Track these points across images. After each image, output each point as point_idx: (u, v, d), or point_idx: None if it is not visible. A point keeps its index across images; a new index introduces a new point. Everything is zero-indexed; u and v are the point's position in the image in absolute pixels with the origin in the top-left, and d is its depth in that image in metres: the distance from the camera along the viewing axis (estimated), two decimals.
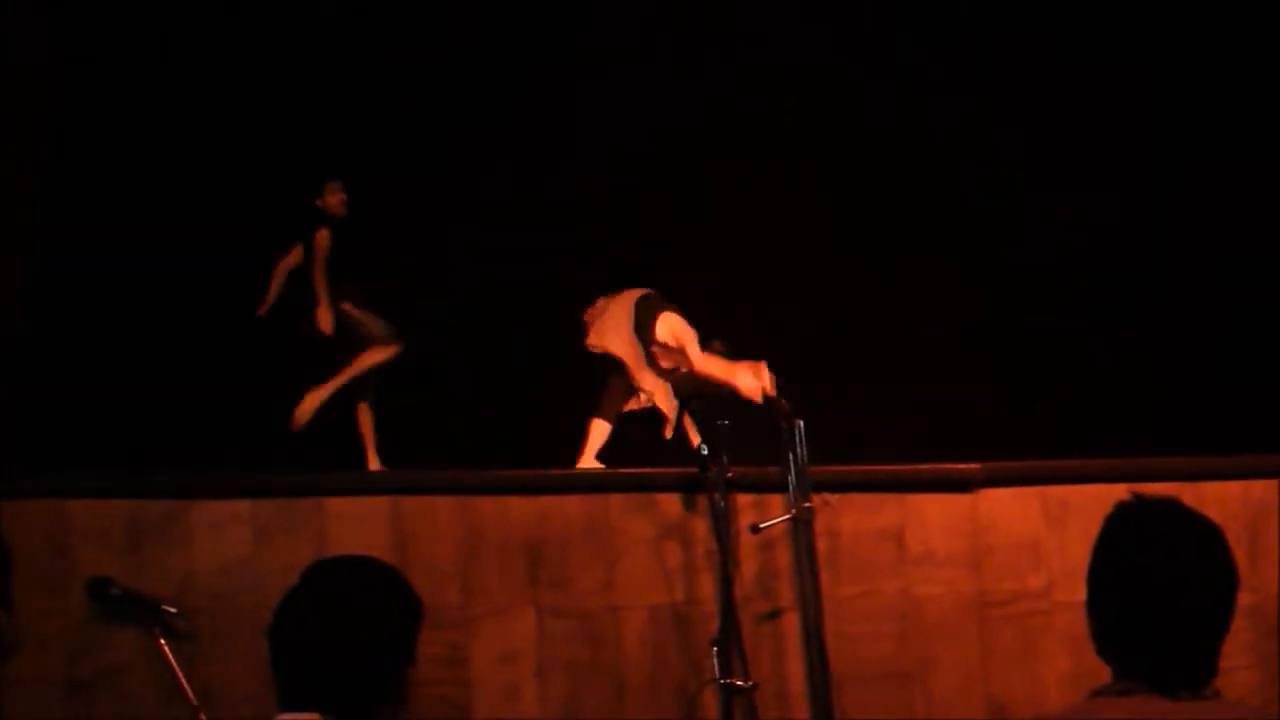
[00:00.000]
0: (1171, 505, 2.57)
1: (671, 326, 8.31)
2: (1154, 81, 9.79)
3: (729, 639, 6.24)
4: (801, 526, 6.57)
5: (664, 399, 8.33)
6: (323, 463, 8.43)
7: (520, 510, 7.15)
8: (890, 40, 9.84)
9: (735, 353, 8.25)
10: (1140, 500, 2.58)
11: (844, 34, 9.83)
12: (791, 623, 6.88)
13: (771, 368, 8.26)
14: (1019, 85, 9.73)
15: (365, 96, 9.92)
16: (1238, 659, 6.32)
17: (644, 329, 8.33)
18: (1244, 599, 2.60)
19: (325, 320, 8.86)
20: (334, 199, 9.09)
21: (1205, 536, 2.54)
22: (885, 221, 9.63)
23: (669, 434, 8.35)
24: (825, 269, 9.53)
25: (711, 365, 8.17)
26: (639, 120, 9.84)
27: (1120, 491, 2.72)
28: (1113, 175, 9.70)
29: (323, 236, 8.96)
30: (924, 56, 9.77)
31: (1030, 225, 9.73)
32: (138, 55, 9.85)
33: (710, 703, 6.49)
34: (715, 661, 6.20)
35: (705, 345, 8.17)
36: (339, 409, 8.96)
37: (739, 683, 6.18)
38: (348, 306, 8.94)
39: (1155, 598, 2.47)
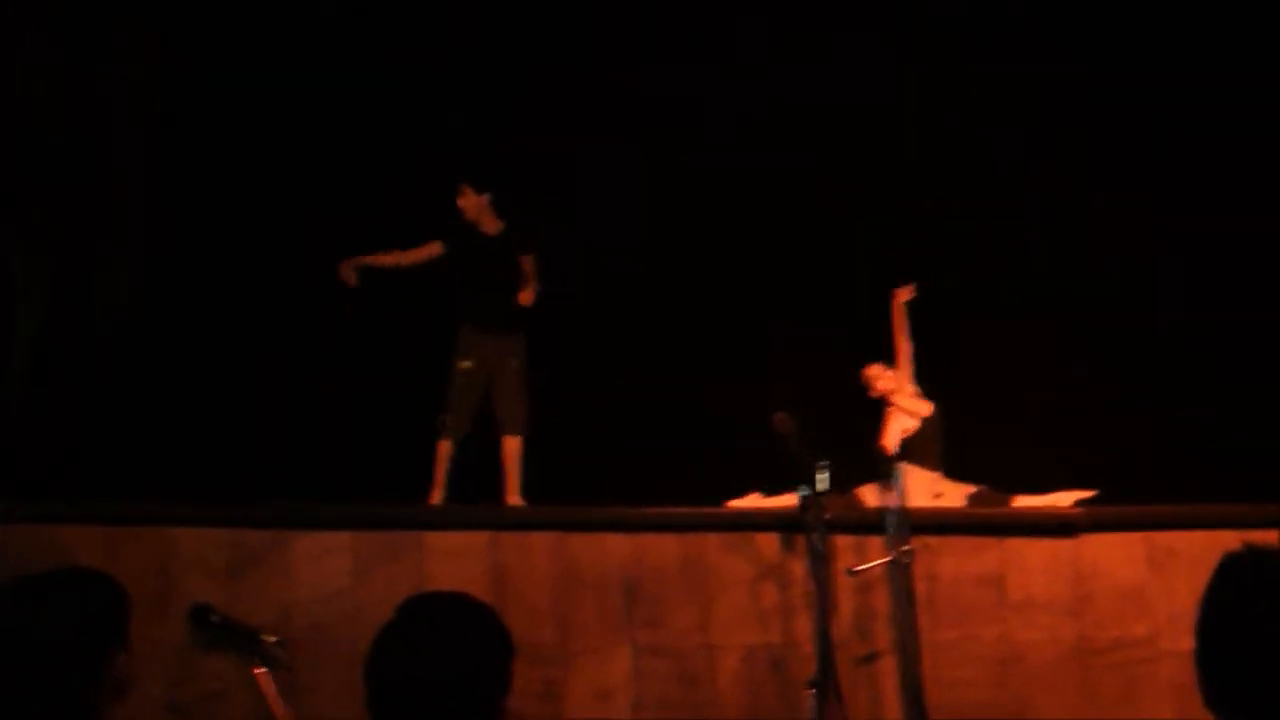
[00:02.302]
0: None
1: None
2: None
3: (826, 681, 6.18)
4: (900, 569, 6.52)
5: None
6: (423, 496, 8.46)
7: (617, 548, 7.15)
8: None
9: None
10: (1251, 551, 2.52)
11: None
12: (889, 666, 6.82)
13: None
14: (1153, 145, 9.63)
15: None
16: None
17: None
18: None
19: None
20: (461, 202, 8.75)
21: None
22: (995, 261, 9.54)
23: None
24: (928, 307, 9.44)
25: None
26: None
27: (1228, 538, 2.66)
28: (1217, 213, 9.55)
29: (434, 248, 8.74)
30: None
31: (1140, 268, 9.59)
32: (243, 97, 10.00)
33: None
34: (812, 703, 6.14)
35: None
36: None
37: None
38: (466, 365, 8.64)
39: (1268, 654, 2.41)
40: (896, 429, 8.61)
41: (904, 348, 8.98)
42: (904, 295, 9.01)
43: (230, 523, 7.19)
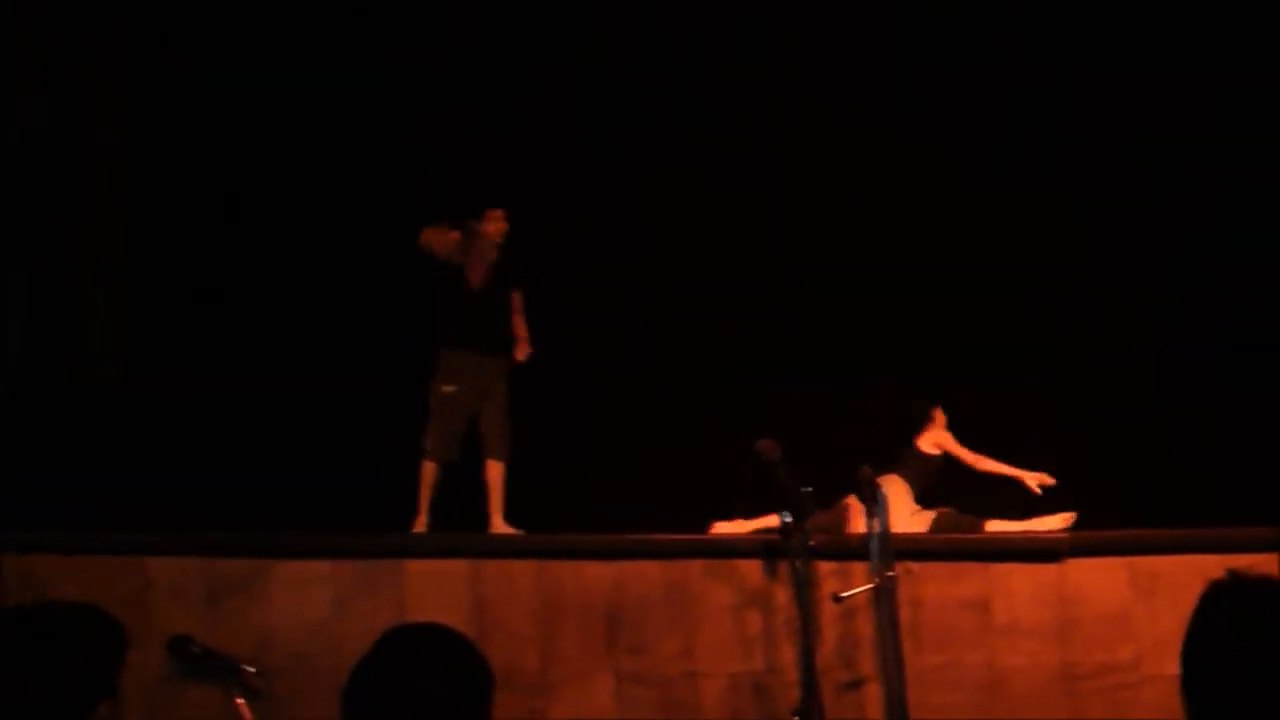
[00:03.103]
0: (1270, 584, 2.50)
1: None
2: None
3: (810, 709, 6.15)
4: (884, 595, 6.49)
5: None
6: (405, 523, 8.41)
7: (599, 575, 7.12)
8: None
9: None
10: (1236, 577, 2.51)
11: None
12: (873, 693, 6.78)
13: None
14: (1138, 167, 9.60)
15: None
16: None
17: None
18: None
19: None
20: (492, 227, 8.63)
21: None
22: (978, 286, 9.52)
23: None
24: (911, 330, 9.43)
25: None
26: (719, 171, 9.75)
27: (1211, 562, 2.65)
28: (1204, 242, 9.54)
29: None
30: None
31: (1124, 294, 9.57)
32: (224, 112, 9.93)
33: None
34: None
35: None
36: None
37: None
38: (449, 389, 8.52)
39: (1253, 679, 2.40)
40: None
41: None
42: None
43: (208, 552, 7.15)
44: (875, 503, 6.62)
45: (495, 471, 8.57)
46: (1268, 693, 2.39)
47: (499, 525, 8.46)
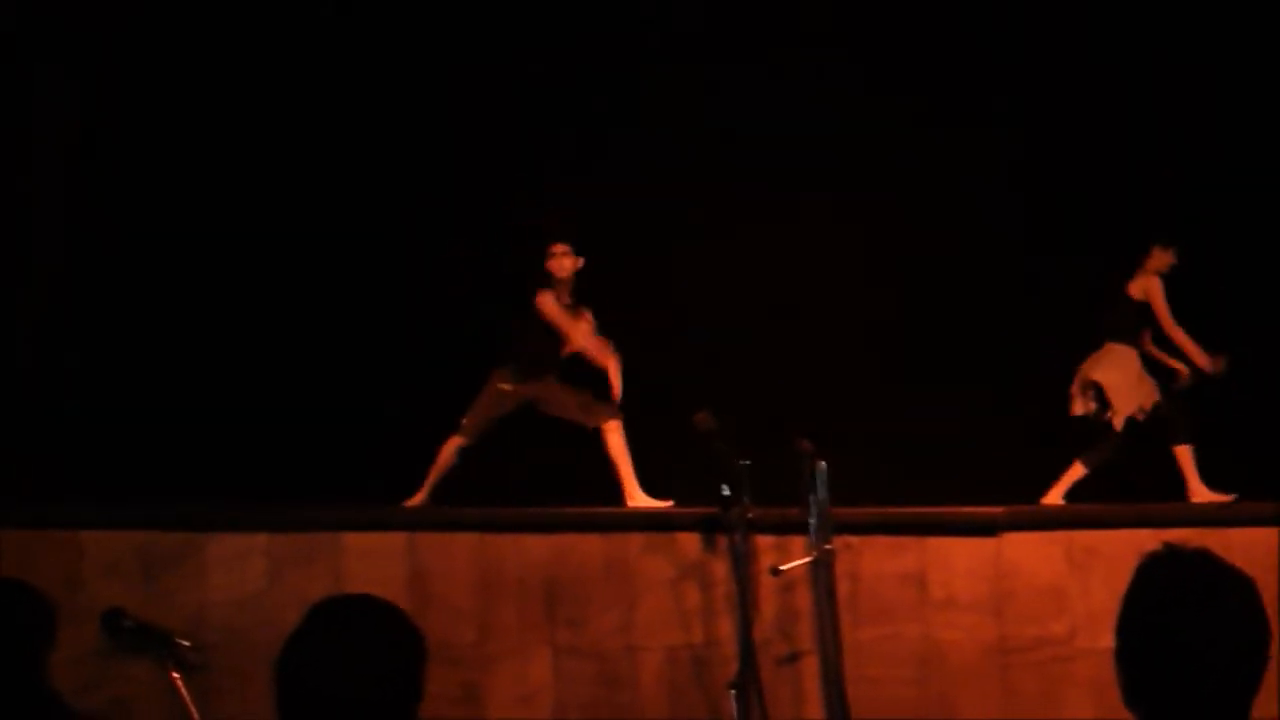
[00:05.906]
0: (1203, 556, 2.52)
1: None
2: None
3: (748, 681, 6.17)
4: (822, 569, 6.51)
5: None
6: (340, 497, 8.34)
7: (538, 548, 7.11)
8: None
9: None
10: (1171, 551, 2.53)
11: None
12: (811, 666, 6.82)
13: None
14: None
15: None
16: (1267, 709, 6.21)
17: None
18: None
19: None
20: (566, 261, 8.37)
21: (1237, 589, 2.48)
22: (914, 262, 9.52)
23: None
24: (850, 308, 9.43)
25: None
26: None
27: (1145, 537, 2.67)
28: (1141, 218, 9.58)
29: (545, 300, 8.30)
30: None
31: (1053, 266, 9.60)
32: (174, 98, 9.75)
33: None
34: (734, 704, 6.12)
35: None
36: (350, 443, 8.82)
37: None
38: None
39: (1187, 652, 2.42)
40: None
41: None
42: None
43: (141, 525, 7.09)
44: (815, 478, 6.63)
45: (614, 441, 8.16)
46: (1200, 664, 2.41)
47: (636, 497, 8.06)
